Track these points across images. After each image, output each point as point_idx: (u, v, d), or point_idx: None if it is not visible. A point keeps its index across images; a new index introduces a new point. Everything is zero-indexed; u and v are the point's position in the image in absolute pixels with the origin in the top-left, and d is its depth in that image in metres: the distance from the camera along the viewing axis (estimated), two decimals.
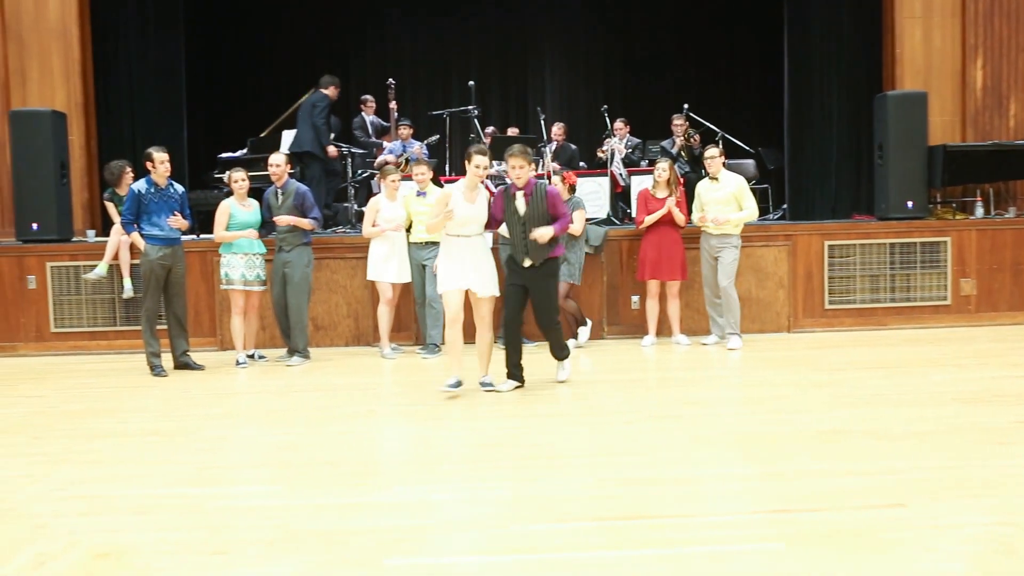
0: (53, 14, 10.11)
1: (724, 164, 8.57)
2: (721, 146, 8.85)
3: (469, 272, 6.47)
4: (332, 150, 10.18)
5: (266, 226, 8.09)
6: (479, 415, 5.90)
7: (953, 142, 10.10)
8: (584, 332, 8.74)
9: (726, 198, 8.31)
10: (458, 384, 6.46)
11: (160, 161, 7.63)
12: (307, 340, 8.19)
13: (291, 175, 8.37)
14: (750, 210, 8.37)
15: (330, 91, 10.16)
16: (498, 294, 6.63)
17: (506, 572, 3.41)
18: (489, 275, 6.56)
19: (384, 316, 8.36)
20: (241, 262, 7.95)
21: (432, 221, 6.51)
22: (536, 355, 7.71)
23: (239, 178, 7.98)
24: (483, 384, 6.61)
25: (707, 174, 8.53)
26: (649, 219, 8.45)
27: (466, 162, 6.50)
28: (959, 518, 3.80)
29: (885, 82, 10.80)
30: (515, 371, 6.72)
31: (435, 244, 7.93)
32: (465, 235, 6.48)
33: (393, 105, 11.42)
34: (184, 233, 7.93)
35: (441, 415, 5.98)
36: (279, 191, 8.05)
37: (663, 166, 8.52)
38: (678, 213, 8.43)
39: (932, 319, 9.28)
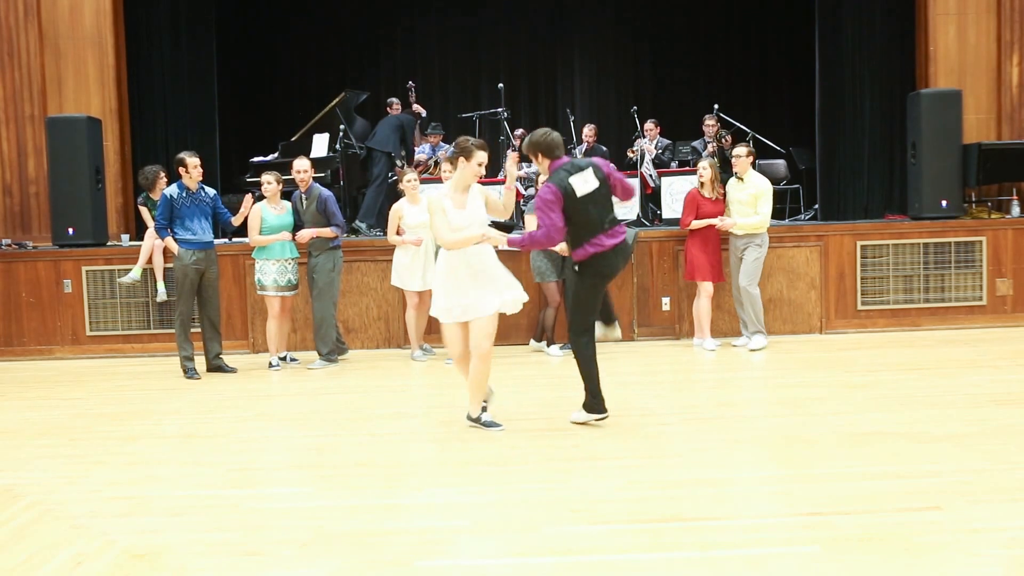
0: (88, 22, 10.24)
1: (754, 164, 8.43)
2: (750, 146, 8.67)
3: (463, 297, 5.41)
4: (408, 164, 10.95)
5: (299, 228, 8.16)
6: (510, 417, 5.89)
7: (988, 140, 9.97)
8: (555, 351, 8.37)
9: (747, 199, 8.18)
10: (485, 419, 5.63)
11: (193, 166, 7.71)
12: (332, 344, 8.20)
13: (316, 179, 8.44)
14: (761, 216, 8.15)
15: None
16: (508, 310, 5.52)
17: (539, 574, 3.41)
18: (487, 292, 5.42)
19: (412, 321, 8.36)
20: (273, 268, 8.01)
21: (450, 237, 5.34)
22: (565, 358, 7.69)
23: (267, 180, 8.03)
24: (474, 420, 5.69)
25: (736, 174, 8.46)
26: (697, 223, 8.26)
27: (463, 159, 5.42)
28: (996, 522, 3.75)
29: (918, 80, 10.68)
30: (594, 400, 5.63)
31: None
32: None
33: (417, 108, 11.46)
34: (216, 236, 8.00)
35: None
36: (303, 196, 8.10)
37: (704, 165, 8.39)
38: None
39: (967, 320, 9.16)
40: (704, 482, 4.42)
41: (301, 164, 8.12)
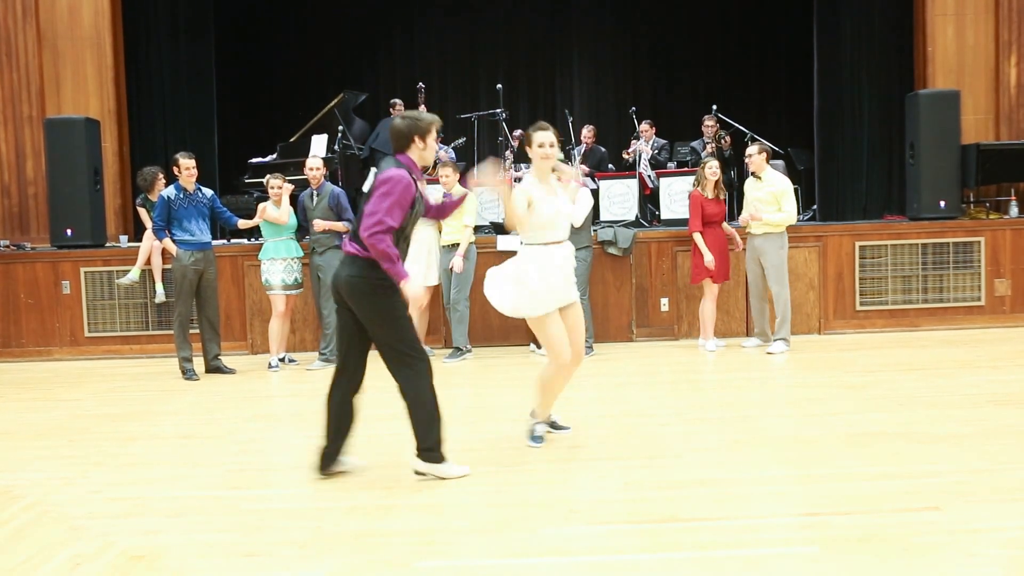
0: (87, 23, 10.24)
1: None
2: (763, 144, 8.54)
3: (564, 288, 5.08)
4: None
5: (301, 229, 8.18)
6: (510, 417, 5.90)
7: (987, 141, 9.98)
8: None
9: (767, 197, 8.06)
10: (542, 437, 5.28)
11: (185, 167, 7.71)
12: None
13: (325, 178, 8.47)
14: (786, 213, 8.05)
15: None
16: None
17: (538, 575, 3.41)
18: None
19: (412, 320, 8.34)
20: (280, 267, 8.05)
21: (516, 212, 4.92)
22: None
23: (276, 184, 8.05)
24: (555, 426, 5.51)
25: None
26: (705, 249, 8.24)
27: (527, 147, 5.08)
28: (995, 522, 3.75)
29: (917, 81, 10.69)
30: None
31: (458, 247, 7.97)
32: (555, 241, 5.07)
33: (423, 110, 11.46)
34: (215, 237, 8.00)
35: (470, 418, 5.99)
36: (314, 193, 8.12)
37: (714, 166, 8.30)
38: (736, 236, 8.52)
39: (966, 320, 9.16)
40: (703, 482, 4.42)
41: (314, 162, 8.22)
